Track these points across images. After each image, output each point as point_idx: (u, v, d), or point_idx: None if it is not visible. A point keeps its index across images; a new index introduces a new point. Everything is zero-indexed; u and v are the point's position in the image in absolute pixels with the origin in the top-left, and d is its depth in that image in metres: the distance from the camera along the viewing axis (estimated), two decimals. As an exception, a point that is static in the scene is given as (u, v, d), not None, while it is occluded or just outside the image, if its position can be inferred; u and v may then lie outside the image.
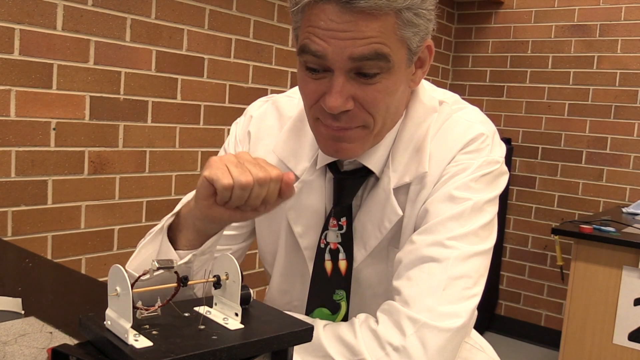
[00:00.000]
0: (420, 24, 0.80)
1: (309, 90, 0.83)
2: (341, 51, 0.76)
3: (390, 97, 0.82)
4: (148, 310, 0.60)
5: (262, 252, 1.05)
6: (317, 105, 0.83)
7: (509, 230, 3.54)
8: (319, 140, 0.88)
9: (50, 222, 1.82)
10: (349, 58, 0.77)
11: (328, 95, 0.79)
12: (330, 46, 0.77)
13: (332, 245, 0.93)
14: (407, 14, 0.77)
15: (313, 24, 0.78)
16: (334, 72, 0.79)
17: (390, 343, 0.77)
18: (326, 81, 0.80)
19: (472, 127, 0.89)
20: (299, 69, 0.85)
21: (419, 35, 0.81)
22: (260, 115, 1.02)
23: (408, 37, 0.79)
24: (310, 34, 0.78)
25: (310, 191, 0.94)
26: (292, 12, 0.82)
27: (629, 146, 3.17)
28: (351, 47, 0.76)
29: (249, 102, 1.06)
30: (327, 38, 0.77)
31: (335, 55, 0.77)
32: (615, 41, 3.17)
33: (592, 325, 2.28)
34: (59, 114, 1.81)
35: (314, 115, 0.85)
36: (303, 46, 0.80)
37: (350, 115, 0.81)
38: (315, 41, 0.78)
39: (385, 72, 0.79)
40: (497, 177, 0.89)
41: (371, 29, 0.76)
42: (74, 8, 1.81)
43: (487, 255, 0.85)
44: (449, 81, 3.70)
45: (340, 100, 0.78)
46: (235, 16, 2.33)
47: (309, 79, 0.82)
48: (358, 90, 0.80)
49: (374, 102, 0.81)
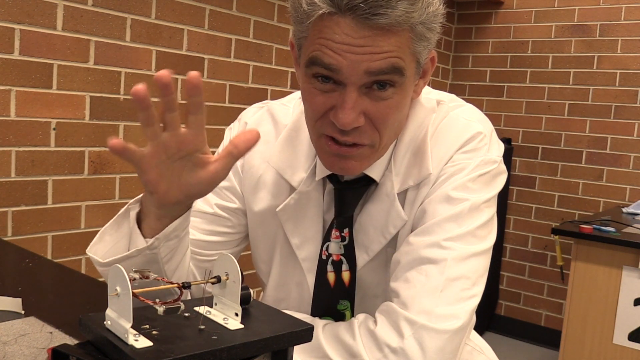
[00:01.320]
0: (431, 38, 0.79)
1: (317, 104, 0.80)
2: (357, 65, 0.74)
3: (399, 112, 0.82)
4: (168, 303, 0.59)
5: (256, 261, 1.03)
6: (323, 119, 0.81)
7: (509, 230, 3.54)
8: (322, 156, 0.86)
9: (50, 222, 1.82)
10: (365, 72, 0.75)
11: (341, 110, 0.77)
12: (346, 60, 0.74)
13: (335, 256, 0.92)
14: (420, 28, 0.76)
15: (325, 36, 0.75)
16: (346, 86, 0.77)
17: (388, 345, 0.77)
18: (337, 95, 0.78)
19: (470, 125, 0.88)
20: (304, 80, 0.82)
21: (428, 48, 0.80)
22: (255, 122, 1.00)
23: (419, 51, 0.79)
24: (323, 46, 0.75)
25: (308, 202, 0.93)
26: (297, 21, 0.79)
27: (629, 146, 3.17)
28: (368, 61, 0.74)
29: (249, 102, 1.06)
30: (342, 52, 0.74)
31: (351, 69, 0.75)
32: (615, 41, 3.17)
33: (592, 325, 2.28)
34: (59, 114, 1.81)
35: (318, 131, 0.83)
36: (314, 58, 0.77)
37: (360, 131, 0.79)
38: (328, 54, 0.75)
39: (398, 86, 0.78)
40: (495, 176, 0.88)
41: (388, 43, 0.74)
42: (74, 8, 1.81)
43: (485, 256, 0.84)
44: (449, 81, 3.70)
45: (353, 116, 0.76)
46: (235, 16, 2.33)
47: (317, 92, 0.79)
48: (370, 106, 0.78)
49: (384, 118, 0.79)
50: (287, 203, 0.93)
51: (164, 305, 0.58)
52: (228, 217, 0.98)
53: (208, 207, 0.98)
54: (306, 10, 0.76)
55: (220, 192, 0.98)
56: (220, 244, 0.98)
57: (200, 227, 0.97)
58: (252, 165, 0.97)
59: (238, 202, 0.99)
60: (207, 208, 0.98)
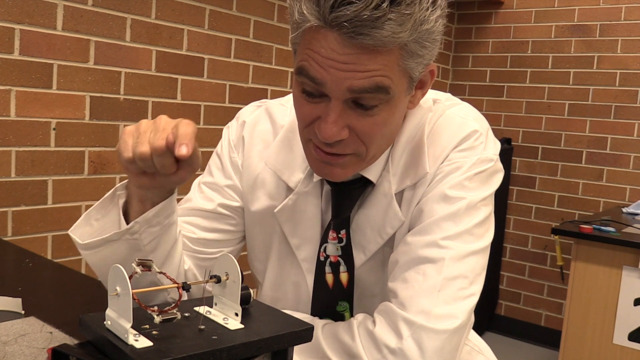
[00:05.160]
0: (425, 54, 0.77)
1: (304, 113, 0.80)
2: (340, 82, 0.73)
3: (387, 128, 0.80)
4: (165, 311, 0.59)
5: (252, 259, 1.03)
6: (310, 127, 0.81)
7: (509, 230, 3.54)
8: (310, 161, 0.86)
9: (50, 222, 1.82)
10: (348, 89, 0.74)
11: (323, 123, 0.76)
12: (330, 75, 0.73)
13: (332, 258, 0.92)
14: (412, 45, 0.74)
15: (313, 48, 0.74)
16: (331, 100, 0.76)
17: (387, 345, 0.76)
18: (322, 106, 0.77)
19: (466, 124, 0.88)
20: (294, 87, 0.82)
21: (422, 64, 0.78)
22: (253, 121, 0.99)
23: (411, 67, 0.77)
24: (309, 57, 0.75)
25: (306, 203, 0.93)
26: (292, 28, 0.79)
27: (629, 146, 3.17)
28: (351, 79, 0.73)
29: (248, 102, 1.05)
30: (326, 67, 0.73)
31: (334, 85, 0.74)
32: (615, 41, 3.17)
33: (592, 325, 2.28)
34: (59, 114, 1.81)
35: (306, 137, 0.83)
36: (301, 68, 0.77)
37: (344, 144, 0.79)
38: (314, 66, 0.75)
39: (384, 103, 0.77)
40: (492, 174, 0.88)
41: (374, 62, 0.73)
42: (74, 8, 1.81)
43: (483, 254, 0.84)
44: (449, 81, 3.70)
45: (335, 130, 0.76)
46: (235, 16, 2.33)
47: (305, 101, 0.79)
48: (355, 121, 0.77)
49: (369, 133, 0.79)
50: (286, 204, 0.93)
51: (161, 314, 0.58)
52: (230, 214, 0.98)
53: (210, 205, 0.97)
54: (297, 20, 0.76)
55: (222, 191, 0.98)
56: (221, 242, 0.98)
57: (201, 225, 0.96)
58: (251, 163, 0.97)
59: (240, 200, 0.99)
60: (209, 205, 0.97)
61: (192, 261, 0.95)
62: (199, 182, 1.01)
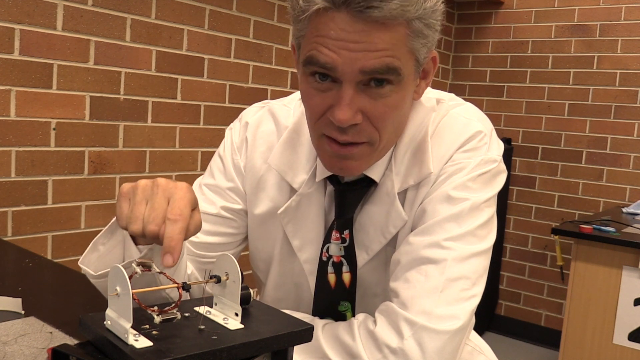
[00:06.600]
0: (429, 35, 0.78)
1: (315, 104, 0.80)
2: (352, 63, 0.74)
3: (398, 111, 0.81)
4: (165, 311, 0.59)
5: (254, 259, 1.03)
6: (323, 119, 0.81)
7: (509, 230, 3.54)
8: (322, 157, 0.86)
9: (50, 222, 1.82)
10: (360, 71, 0.75)
11: (337, 107, 0.77)
12: (341, 57, 0.74)
13: (335, 258, 0.92)
14: (417, 24, 0.76)
15: (321, 33, 0.75)
16: (342, 84, 0.77)
17: (388, 345, 0.76)
18: (334, 93, 0.78)
19: (470, 124, 0.88)
20: (302, 80, 0.82)
21: (426, 46, 0.80)
22: (256, 122, 0.99)
23: (417, 49, 0.78)
24: (318, 44, 0.75)
25: (309, 204, 0.93)
26: (296, 19, 0.79)
27: (629, 146, 3.17)
28: (363, 59, 0.74)
29: (249, 102, 1.05)
30: (337, 49, 0.74)
31: (346, 67, 0.75)
32: (615, 41, 3.17)
33: (592, 325, 2.28)
34: (59, 114, 1.81)
35: (318, 131, 0.83)
36: (310, 57, 0.77)
37: (358, 129, 0.79)
38: (324, 52, 0.75)
39: (395, 84, 0.78)
40: (495, 175, 0.88)
41: (383, 40, 0.74)
42: (74, 8, 1.81)
43: (485, 255, 0.84)
44: (449, 81, 3.70)
45: (350, 113, 0.76)
46: (235, 16, 2.33)
47: (315, 92, 0.80)
48: (367, 104, 0.78)
49: (382, 116, 0.79)
50: (289, 205, 0.93)
51: (161, 314, 0.58)
52: (232, 218, 0.98)
53: (212, 209, 0.97)
54: (302, 6, 0.76)
55: (224, 194, 0.98)
56: (223, 245, 0.97)
57: (203, 229, 0.95)
58: (254, 165, 0.97)
59: (242, 202, 0.98)
60: (211, 209, 0.97)
61: (194, 265, 0.94)
62: (200, 184, 1.01)
